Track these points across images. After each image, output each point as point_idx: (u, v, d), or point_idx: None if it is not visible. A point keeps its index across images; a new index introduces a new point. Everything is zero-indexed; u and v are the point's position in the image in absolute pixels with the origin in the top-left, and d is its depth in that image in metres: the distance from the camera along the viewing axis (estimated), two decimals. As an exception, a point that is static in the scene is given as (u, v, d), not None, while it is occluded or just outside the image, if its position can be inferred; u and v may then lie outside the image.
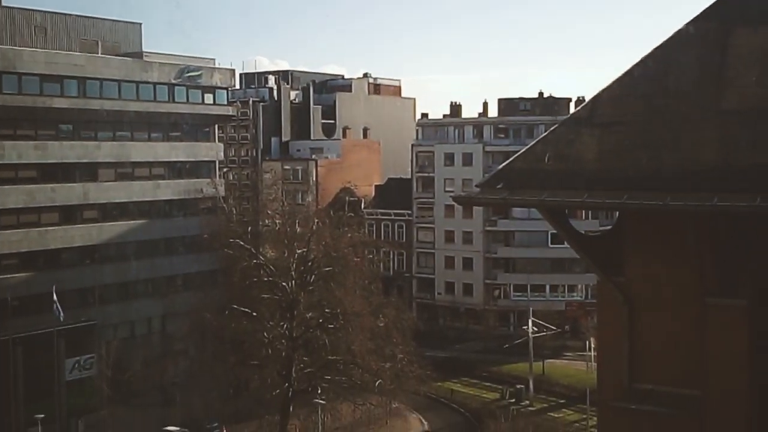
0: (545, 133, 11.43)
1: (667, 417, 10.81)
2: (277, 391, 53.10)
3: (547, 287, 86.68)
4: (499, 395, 66.58)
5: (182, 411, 58.02)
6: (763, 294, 10.81)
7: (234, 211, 64.64)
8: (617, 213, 11.53)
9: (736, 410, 10.03)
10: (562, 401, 65.46)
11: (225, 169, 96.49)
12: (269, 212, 61.66)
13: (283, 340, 52.71)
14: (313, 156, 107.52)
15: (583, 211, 67.45)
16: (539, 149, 10.99)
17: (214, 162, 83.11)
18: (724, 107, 10.33)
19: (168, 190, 78.13)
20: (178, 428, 57.57)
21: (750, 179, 9.36)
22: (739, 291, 10.23)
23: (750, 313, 10.07)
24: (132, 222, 75.35)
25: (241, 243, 55.60)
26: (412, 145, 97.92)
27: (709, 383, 10.32)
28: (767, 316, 10.99)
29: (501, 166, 11.15)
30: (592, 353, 61.67)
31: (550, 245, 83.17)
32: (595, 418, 57.87)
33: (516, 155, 11.25)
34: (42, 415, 53.08)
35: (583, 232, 13.50)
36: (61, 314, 59.93)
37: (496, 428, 47.41)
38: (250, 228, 61.22)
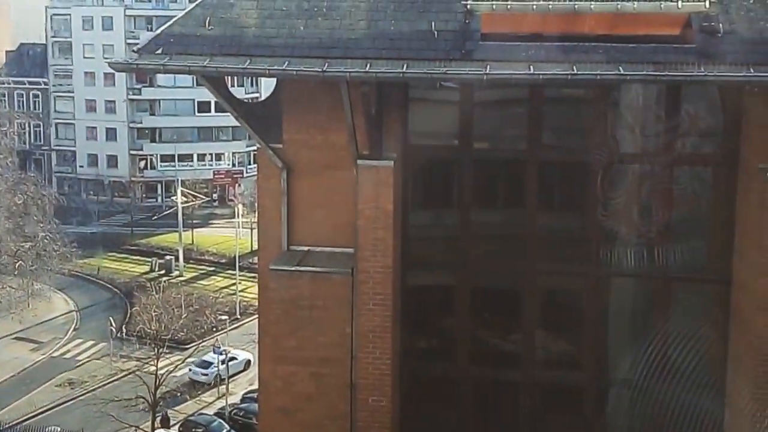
0: (204, -3, 11.07)
1: (324, 275, 11.48)
2: None
3: (195, 156, 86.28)
4: (149, 268, 66.04)
5: None
6: (406, 155, 11.79)
7: None
8: (275, 80, 11.65)
9: (384, 261, 10.94)
10: (212, 269, 66.76)
11: None
12: None
13: None
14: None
15: (230, 78, 66.94)
16: (199, 13, 10.64)
17: None
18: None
19: None
20: None
21: (396, 47, 9.98)
22: (385, 153, 11.02)
23: (395, 173, 10.91)
24: None
25: None
26: (46, 8, 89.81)
27: (359, 239, 11.08)
28: (409, 175, 12.05)
29: (159, 31, 10.64)
30: (240, 220, 63.18)
31: (197, 114, 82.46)
32: (245, 282, 60.21)
33: (174, 19, 10.81)
34: None
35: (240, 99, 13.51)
36: None
37: (147, 301, 46.92)
38: None
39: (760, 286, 10.37)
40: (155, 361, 40.14)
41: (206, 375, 44.38)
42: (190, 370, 44.32)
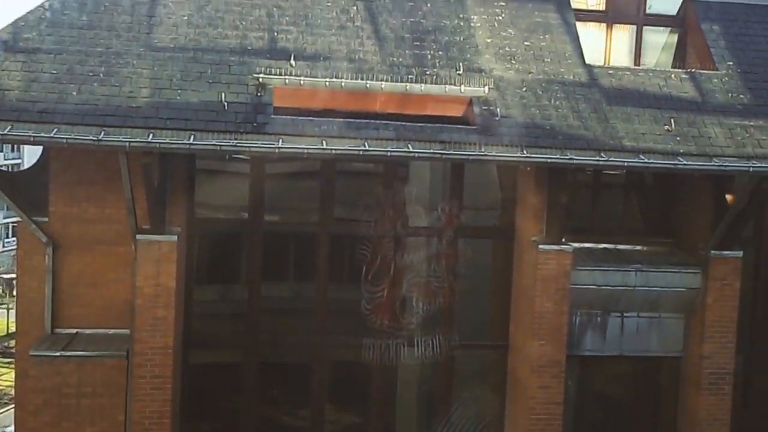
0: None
1: (94, 359, 10.67)
2: None
3: (-67, 227, 78.14)
4: None
5: None
6: (192, 228, 11.25)
7: None
8: (41, 147, 10.70)
9: (164, 342, 10.33)
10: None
11: None
12: None
13: None
14: None
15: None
16: (-54, 73, 9.56)
17: None
18: (157, 44, 10.27)
19: None
20: None
21: (183, 117, 9.53)
22: (168, 228, 10.43)
23: (178, 248, 10.37)
24: None
25: None
26: None
27: (137, 319, 10.42)
28: (195, 249, 11.51)
29: None
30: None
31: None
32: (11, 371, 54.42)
33: None
34: None
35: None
36: None
37: None
38: None
39: (532, 349, 10.89)
40: None
41: None
42: None
